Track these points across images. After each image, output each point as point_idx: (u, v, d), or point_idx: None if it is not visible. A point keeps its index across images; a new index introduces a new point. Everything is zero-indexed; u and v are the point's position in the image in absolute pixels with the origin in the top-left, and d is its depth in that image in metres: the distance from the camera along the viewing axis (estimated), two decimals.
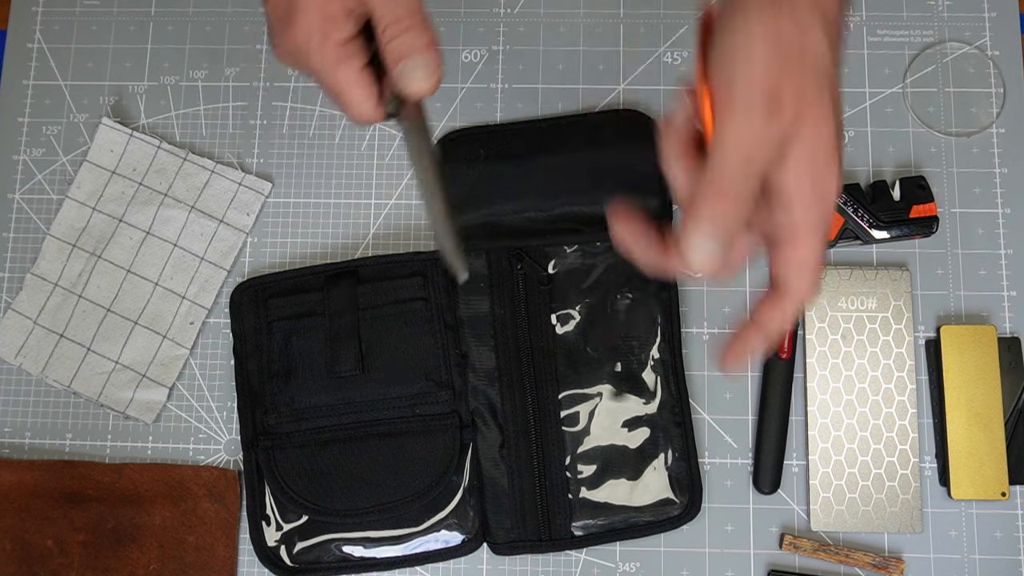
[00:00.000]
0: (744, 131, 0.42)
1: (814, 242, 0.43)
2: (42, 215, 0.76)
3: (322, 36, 0.48)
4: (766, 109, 0.41)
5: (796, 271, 0.44)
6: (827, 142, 0.42)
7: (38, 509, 0.69)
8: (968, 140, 0.75)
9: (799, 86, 0.42)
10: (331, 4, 0.48)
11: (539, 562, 0.69)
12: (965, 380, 0.69)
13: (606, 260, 0.71)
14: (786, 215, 0.43)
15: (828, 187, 0.43)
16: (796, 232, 0.43)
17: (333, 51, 0.48)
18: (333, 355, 0.70)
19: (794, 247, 0.44)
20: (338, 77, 0.49)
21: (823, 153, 0.42)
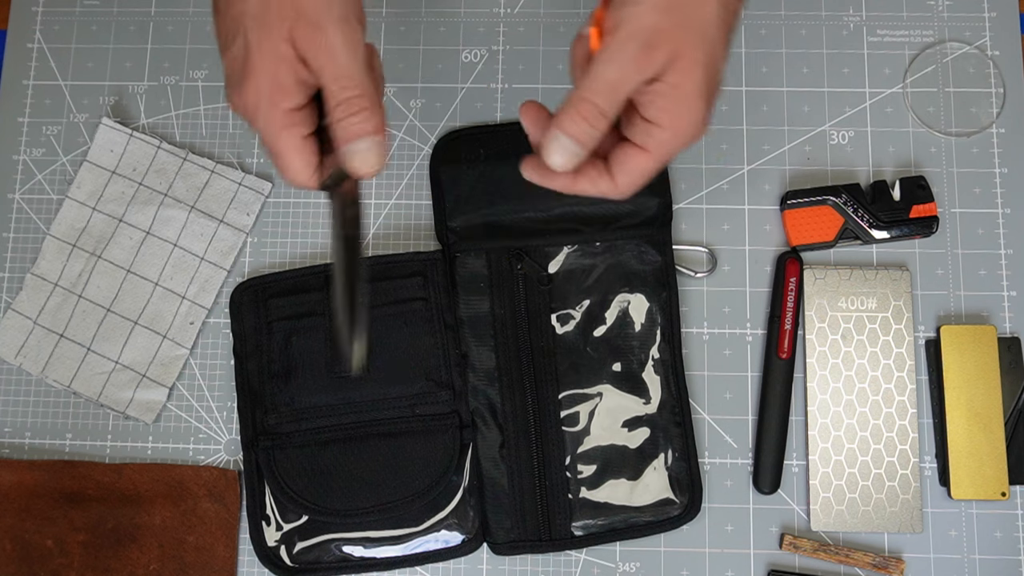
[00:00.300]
0: (615, 65, 0.49)
1: (656, 160, 0.52)
2: (42, 215, 0.76)
3: (270, 102, 0.49)
4: (638, 55, 0.49)
5: (628, 172, 0.52)
6: (690, 87, 0.50)
7: (38, 509, 0.69)
8: (968, 140, 0.75)
9: (676, 38, 0.49)
10: (282, 72, 0.49)
11: (539, 562, 0.69)
12: (965, 380, 0.69)
13: (606, 260, 0.71)
14: (643, 133, 0.51)
15: (684, 123, 0.50)
16: (646, 144, 0.51)
17: (280, 117, 0.50)
18: (333, 355, 0.70)
19: (640, 155, 0.52)
20: (280, 143, 0.50)
21: (684, 95, 0.50)
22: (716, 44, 0.51)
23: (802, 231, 0.72)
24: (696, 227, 0.74)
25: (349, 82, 0.49)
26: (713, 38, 0.50)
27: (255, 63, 0.49)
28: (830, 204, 0.72)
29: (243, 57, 0.49)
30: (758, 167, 0.75)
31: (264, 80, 0.49)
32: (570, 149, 0.51)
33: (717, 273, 0.73)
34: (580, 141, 0.51)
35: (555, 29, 0.78)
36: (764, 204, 0.74)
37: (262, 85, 0.49)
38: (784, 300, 0.71)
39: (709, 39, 0.50)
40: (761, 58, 0.76)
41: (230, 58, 0.50)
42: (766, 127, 0.75)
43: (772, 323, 0.71)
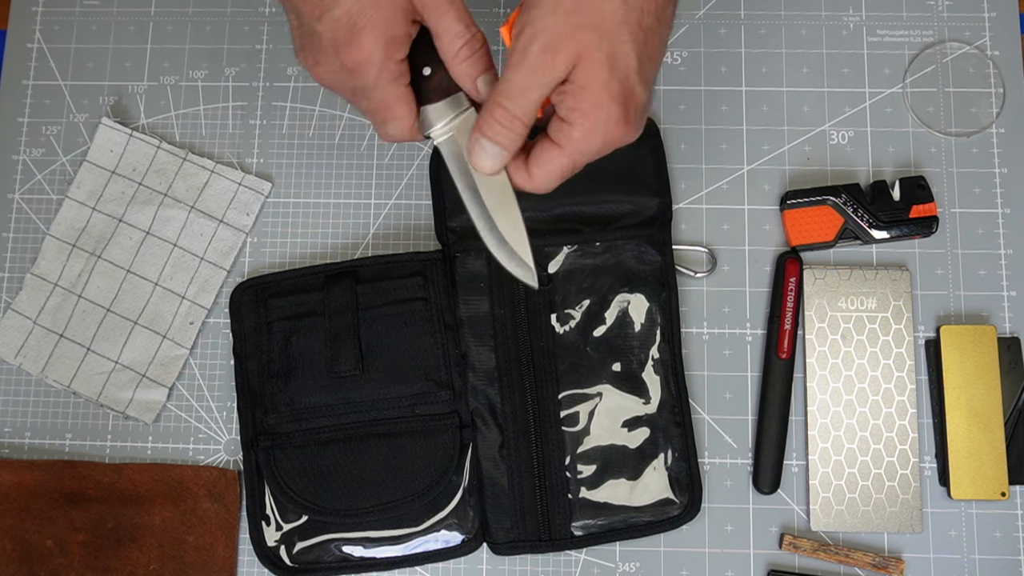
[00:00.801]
0: (520, 70, 0.51)
1: (569, 157, 0.53)
2: (42, 215, 0.76)
3: (385, 54, 0.52)
4: (539, 60, 0.50)
5: (543, 166, 0.54)
6: (597, 87, 0.51)
7: (38, 509, 0.69)
8: (968, 140, 0.75)
9: (576, 39, 0.50)
10: (397, 25, 0.52)
11: (539, 562, 0.69)
12: (965, 380, 0.69)
13: (606, 260, 0.71)
14: (558, 133, 0.53)
15: (596, 122, 0.51)
16: (561, 143, 0.53)
17: (394, 67, 0.53)
18: (333, 355, 0.70)
19: (555, 151, 0.53)
20: (391, 94, 0.54)
21: (591, 96, 0.51)
22: (621, 43, 0.51)
23: (802, 231, 0.72)
24: (696, 227, 0.74)
25: (470, 22, 0.53)
26: (618, 37, 0.51)
27: (369, 19, 0.51)
28: (830, 204, 0.72)
29: (352, 14, 0.51)
30: (758, 167, 0.75)
31: (381, 33, 0.51)
32: (492, 152, 0.53)
33: (717, 273, 0.73)
34: (500, 144, 0.53)
35: None
36: (764, 204, 0.74)
37: (379, 39, 0.51)
38: (784, 300, 0.71)
39: (612, 39, 0.51)
40: (761, 58, 0.76)
41: (331, 19, 0.52)
42: (766, 127, 0.75)
43: (772, 323, 0.71)
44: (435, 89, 0.55)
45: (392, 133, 0.56)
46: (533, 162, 0.54)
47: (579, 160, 0.54)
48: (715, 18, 0.77)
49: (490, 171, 0.54)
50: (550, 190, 0.55)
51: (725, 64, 0.76)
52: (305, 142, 0.76)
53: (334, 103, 0.77)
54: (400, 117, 0.55)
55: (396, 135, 0.56)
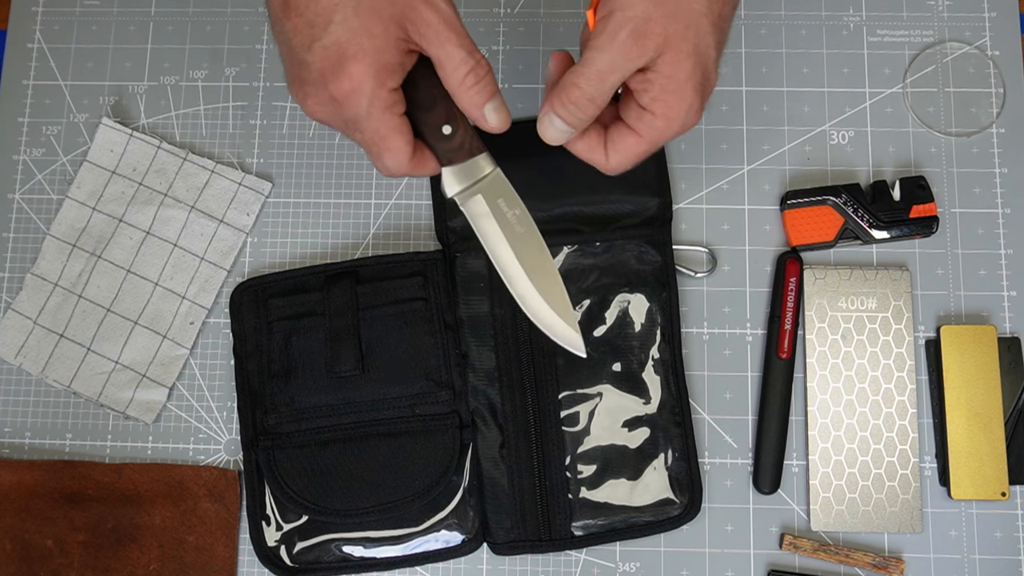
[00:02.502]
0: (605, 53, 0.51)
1: (647, 144, 0.54)
2: (42, 215, 0.76)
3: (377, 82, 0.51)
4: (627, 44, 0.51)
5: (620, 152, 0.55)
6: (681, 77, 0.52)
7: (38, 509, 0.69)
8: (968, 140, 0.75)
9: (665, 28, 0.51)
10: (389, 53, 0.51)
11: (539, 562, 0.69)
12: (965, 380, 0.69)
13: (606, 260, 0.71)
14: (638, 118, 0.54)
15: (676, 112, 0.53)
16: (638, 128, 0.54)
17: (386, 96, 0.51)
18: (333, 355, 0.70)
19: (632, 137, 0.54)
20: (385, 124, 0.52)
21: (675, 85, 0.52)
22: (705, 35, 0.52)
23: (802, 231, 0.72)
24: (696, 227, 0.74)
25: (472, 48, 0.52)
26: (702, 29, 0.52)
27: (360, 46, 0.50)
28: (830, 204, 0.72)
29: (342, 43, 0.50)
30: (758, 167, 0.75)
31: (372, 62, 0.50)
32: (560, 128, 0.54)
33: (717, 273, 0.73)
34: (569, 122, 0.54)
35: (555, 29, 0.78)
36: (764, 204, 0.74)
37: (369, 67, 0.50)
38: (784, 300, 0.71)
39: (697, 30, 0.52)
40: (761, 58, 0.76)
41: (320, 49, 0.51)
42: (766, 127, 0.75)
43: (772, 323, 0.71)
44: (458, 148, 0.55)
45: (388, 166, 0.54)
46: (612, 147, 0.55)
47: (656, 145, 0.55)
48: None
49: (554, 143, 0.55)
50: (626, 170, 0.56)
51: (726, 64, 0.76)
52: (305, 142, 0.76)
53: None
54: (395, 149, 0.53)
55: (393, 168, 0.54)
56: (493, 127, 0.54)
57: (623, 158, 0.55)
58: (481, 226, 0.57)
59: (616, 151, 0.55)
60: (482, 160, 0.56)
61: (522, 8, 0.78)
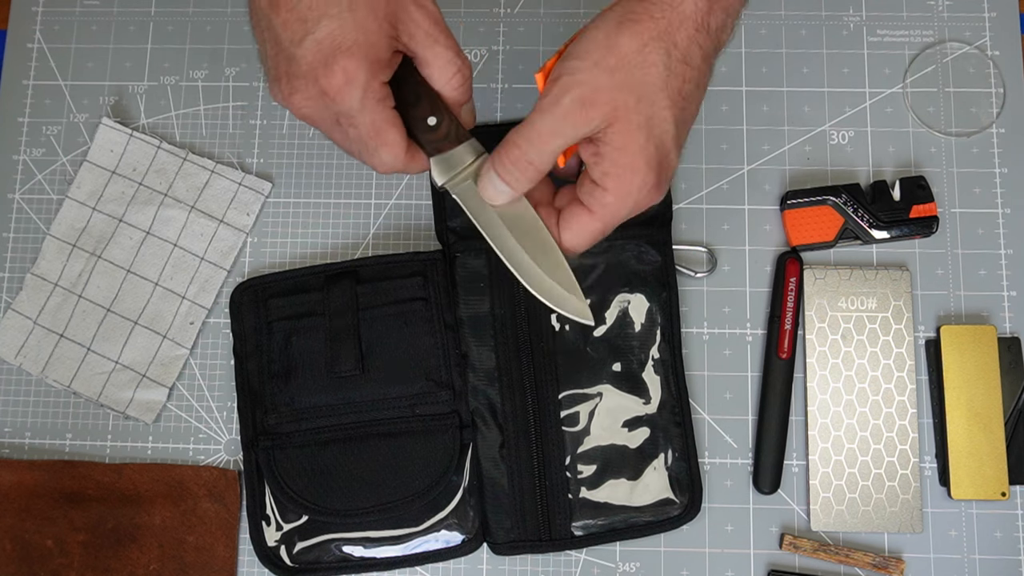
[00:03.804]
0: (548, 116, 0.50)
1: (601, 222, 0.53)
2: (42, 215, 0.76)
3: (370, 75, 0.51)
4: (572, 111, 0.50)
5: (573, 230, 0.54)
6: (633, 150, 0.50)
7: (38, 509, 0.69)
8: (968, 140, 0.75)
9: (614, 98, 0.49)
10: (381, 47, 0.51)
11: (539, 562, 0.69)
12: (965, 380, 0.69)
13: (606, 260, 0.71)
14: (589, 194, 0.52)
15: (629, 188, 0.51)
16: (590, 205, 0.52)
17: (379, 89, 0.51)
18: (333, 355, 0.70)
19: (587, 215, 0.53)
20: (379, 117, 0.52)
21: (626, 160, 0.50)
22: (660, 109, 0.50)
23: (802, 231, 0.72)
24: (696, 227, 0.74)
25: (459, 50, 0.53)
26: (657, 103, 0.50)
27: (355, 40, 0.50)
28: (830, 204, 0.72)
29: (336, 37, 0.50)
30: (758, 167, 0.75)
31: (364, 55, 0.50)
32: (501, 189, 0.53)
33: (717, 273, 0.73)
34: (507, 182, 0.53)
35: (555, 29, 0.78)
36: (764, 204, 0.74)
37: (363, 60, 0.50)
38: (784, 300, 0.71)
39: (651, 103, 0.50)
40: (761, 58, 0.76)
41: (312, 43, 0.50)
42: (766, 127, 0.75)
43: (772, 323, 0.71)
44: (444, 138, 0.55)
45: (385, 159, 0.54)
46: (564, 226, 0.54)
47: (610, 224, 0.53)
48: None
49: (494, 203, 0.54)
50: (581, 251, 0.55)
51: (725, 64, 0.76)
52: (305, 142, 0.76)
53: None
54: (392, 142, 0.53)
55: (389, 162, 0.54)
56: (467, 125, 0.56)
57: (575, 236, 0.54)
58: (475, 211, 0.56)
59: (568, 229, 0.54)
60: (470, 146, 0.56)
61: (522, 8, 0.78)
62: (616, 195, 0.51)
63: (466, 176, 0.56)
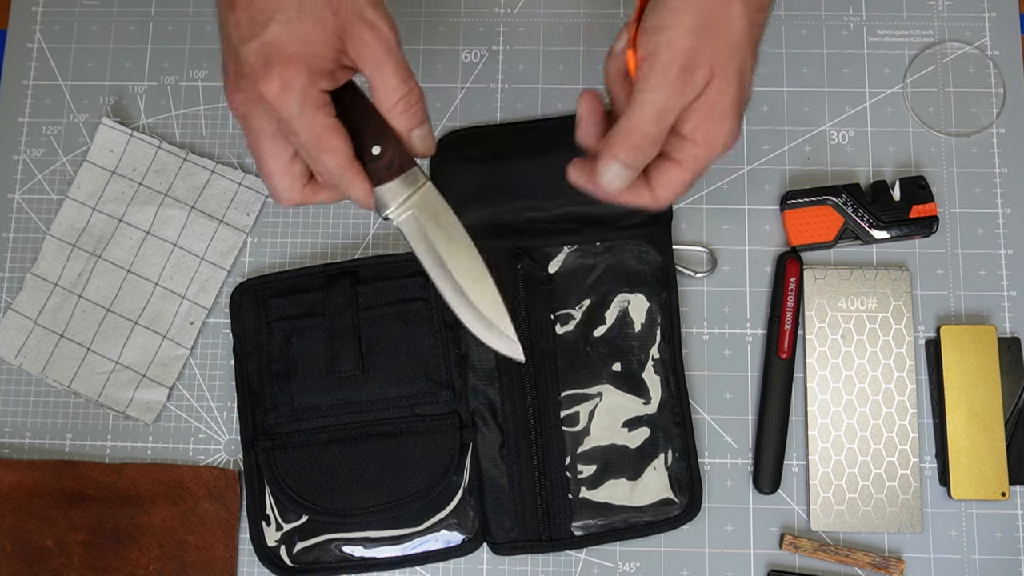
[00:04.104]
0: (659, 93, 0.51)
1: (691, 173, 0.54)
2: (42, 215, 0.76)
3: (308, 81, 0.50)
4: (680, 79, 0.50)
5: (665, 184, 0.54)
6: (726, 104, 0.52)
7: (38, 509, 0.69)
8: (968, 140, 0.75)
9: (711, 57, 0.51)
10: (325, 58, 0.50)
11: (539, 562, 0.69)
12: (965, 380, 0.69)
13: (606, 260, 0.71)
14: (679, 148, 0.53)
15: (718, 138, 0.53)
16: (681, 159, 0.53)
17: (317, 96, 0.51)
18: (333, 355, 0.70)
19: (675, 168, 0.54)
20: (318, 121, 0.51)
21: (719, 112, 0.52)
22: (746, 58, 0.52)
23: (802, 231, 0.72)
24: (696, 227, 0.74)
25: (408, 76, 0.52)
26: (743, 53, 0.52)
27: (295, 49, 0.50)
28: (830, 204, 0.72)
29: (280, 43, 0.50)
30: (758, 167, 0.75)
31: (304, 64, 0.50)
32: (623, 175, 0.53)
33: (717, 273, 0.73)
34: (633, 167, 0.53)
35: (555, 29, 0.78)
36: (764, 204, 0.74)
37: (301, 68, 0.50)
38: (784, 300, 0.71)
39: (739, 55, 0.52)
40: (761, 58, 0.76)
41: (258, 45, 0.50)
42: (766, 127, 0.75)
43: (772, 323, 0.71)
44: (387, 167, 0.53)
45: (329, 167, 0.52)
46: (656, 183, 0.54)
47: (699, 174, 0.54)
48: None
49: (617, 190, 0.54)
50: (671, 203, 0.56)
51: None
52: None
53: None
54: (334, 148, 0.51)
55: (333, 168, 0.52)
56: (419, 152, 0.54)
57: (669, 191, 0.55)
58: (415, 244, 0.55)
59: (661, 186, 0.54)
60: (411, 175, 0.54)
61: (522, 8, 0.78)
62: (707, 146, 0.53)
63: (408, 206, 0.54)
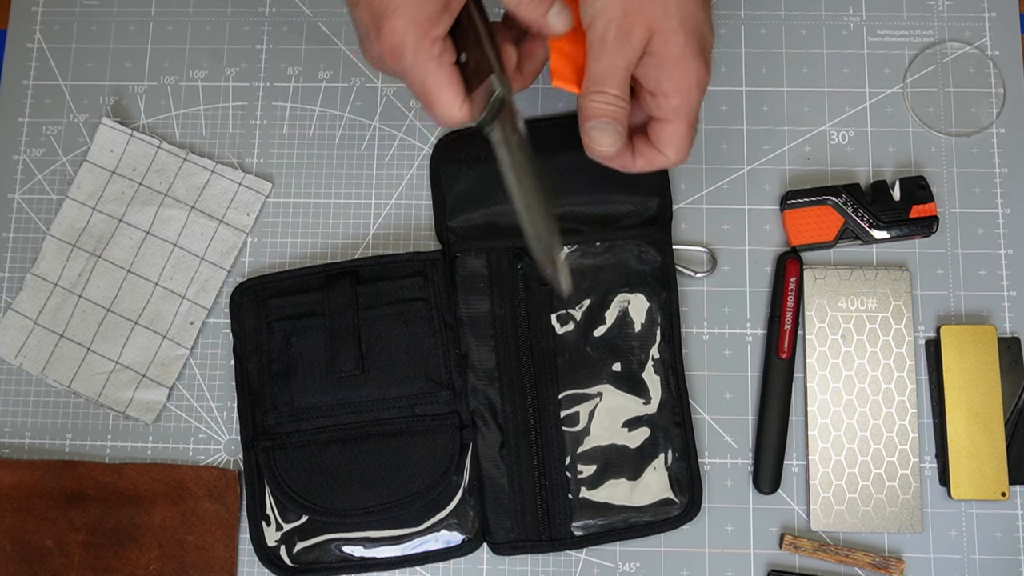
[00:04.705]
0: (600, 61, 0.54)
1: (682, 123, 0.56)
2: (42, 215, 0.76)
3: (419, 33, 0.52)
4: (617, 42, 0.53)
5: (667, 143, 0.58)
6: (676, 52, 0.54)
7: (38, 509, 0.69)
8: (968, 140, 0.75)
9: (645, 17, 0.53)
10: (428, 4, 0.51)
11: (539, 562, 0.69)
12: (965, 380, 0.69)
13: (606, 260, 0.71)
14: (657, 106, 0.56)
15: (683, 83, 0.55)
16: (665, 115, 0.56)
17: (429, 46, 0.52)
18: (333, 355, 0.70)
19: (665, 125, 0.57)
20: (432, 75, 0.53)
21: (672, 60, 0.54)
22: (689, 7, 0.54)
23: (802, 231, 0.72)
24: (696, 227, 0.74)
25: None
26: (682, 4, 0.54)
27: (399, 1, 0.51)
28: (830, 204, 0.72)
29: None
30: (758, 167, 0.75)
31: (412, 14, 0.51)
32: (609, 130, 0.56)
33: (717, 273, 0.73)
34: (613, 118, 0.55)
35: None
36: (764, 204, 0.74)
37: (409, 19, 0.51)
38: (784, 300, 0.71)
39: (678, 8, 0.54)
40: (761, 58, 0.76)
41: (365, 6, 0.52)
42: (766, 127, 0.75)
43: (772, 323, 0.71)
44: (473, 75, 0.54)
45: (439, 117, 0.54)
46: (661, 144, 0.58)
47: (690, 120, 0.57)
48: (715, 18, 0.77)
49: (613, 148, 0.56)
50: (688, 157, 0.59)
51: (725, 64, 0.76)
52: (305, 142, 0.76)
53: (334, 103, 0.77)
54: (443, 102, 0.54)
55: (443, 120, 0.55)
56: (560, 30, 0.56)
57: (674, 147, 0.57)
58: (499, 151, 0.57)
59: (665, 145, 0.57)
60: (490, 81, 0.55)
61: None
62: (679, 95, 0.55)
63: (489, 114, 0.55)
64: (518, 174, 0.56)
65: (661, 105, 0.56)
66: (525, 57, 0.60)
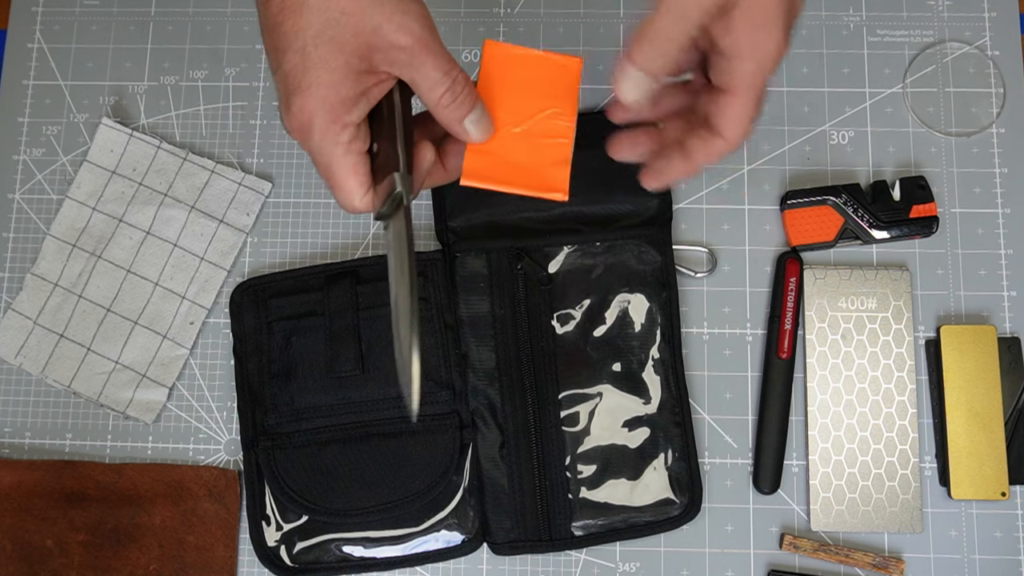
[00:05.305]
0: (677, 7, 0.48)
1: (748, 96, 0.50)
2: (42, 215, 0.76)
3: (330, 117, 0.48)
4: None
5: (729, 120, 0.50)
6: (765, 10, 0.48)
7: (38, 509, 0.69)
8: (968, 140, 0.75)
9: None
10: (346, 85, 0.48)
11: (539, 562, 0.69)
12: (965, 380, 0.69)
13: (606, 260, 0.71)
14: (725, 68, 0.49)
15: (764, 47, 0.49)
16: (732, 84, 0.49)
17: (339, 133, 0.48)
18: (333, 355, 0.70)
19: (730, 98, 0.50)
20: (336, 161, 0.49)
21: (760, 18, 0.48)
22: None
23: (802, 231, 0.72)
24: (696, 227, 0.74)
25: (448, 66, 0.49)
26: None
27: (314, 77, 0.47)
28: (830, 204, 0.72)
29: (296, 74, 0.48)
30: (758, 167, 0.75)
31: (323, 93, 0.47)
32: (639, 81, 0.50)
33: (717, 273, 0.73)
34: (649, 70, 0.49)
35: (555, 29, 0.78)
36: (764, 204, 0.74)
37: (320, 99, 0.47)
38: (784, 300, 0.71)
39: None
40: None
41: (282, 75, 0.48)
42: (766, 127, 0.75)
43: (772, 323, 0.71)
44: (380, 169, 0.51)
45: (340, 202, 0.50)
46: (721, 124, 0.51)
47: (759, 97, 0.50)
48: None
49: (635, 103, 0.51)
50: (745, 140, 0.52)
51: None
52: None
53: None
54: (345, 190, 0.50)
55: (344, 206, 0.50)
56: (476, 139, 0.52)
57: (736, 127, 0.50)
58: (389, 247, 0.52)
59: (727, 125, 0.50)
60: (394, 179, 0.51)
61: (522, 8, 0.78)
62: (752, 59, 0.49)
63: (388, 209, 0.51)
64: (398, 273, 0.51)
65: (733, 69, 0.49)
66: (449, 151, 0.55)
